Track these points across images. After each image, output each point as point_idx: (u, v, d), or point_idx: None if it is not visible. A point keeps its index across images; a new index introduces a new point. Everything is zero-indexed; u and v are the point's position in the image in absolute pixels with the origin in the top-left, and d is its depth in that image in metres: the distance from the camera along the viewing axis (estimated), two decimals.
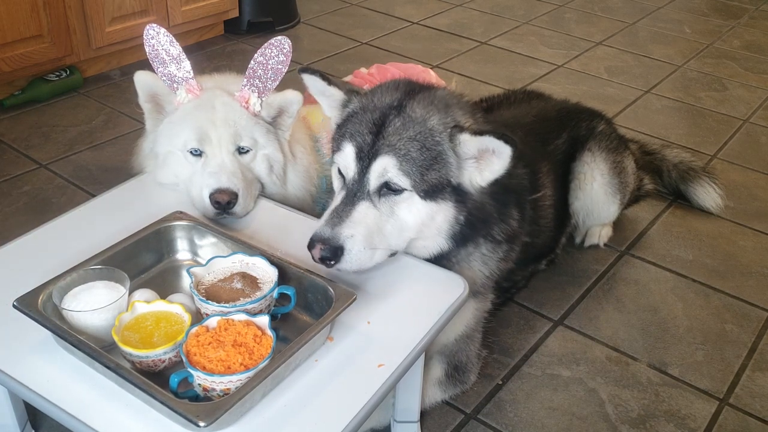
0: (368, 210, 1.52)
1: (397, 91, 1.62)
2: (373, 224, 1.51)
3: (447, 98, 1.62)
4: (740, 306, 2.28)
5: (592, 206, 2.32)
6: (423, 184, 1.51)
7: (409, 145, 1.51)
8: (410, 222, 1.55)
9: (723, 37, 4.37)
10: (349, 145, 1.54)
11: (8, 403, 1.53)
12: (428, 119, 1.54)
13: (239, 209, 1.71)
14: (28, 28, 3.03)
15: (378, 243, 1.52)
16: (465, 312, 1.74)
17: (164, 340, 1.27)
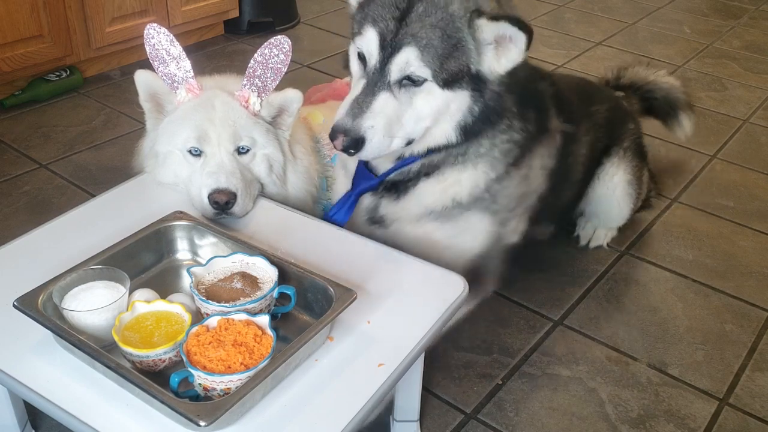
0: (388, 100, 1.53)
1: None
2: (393, 114, 1.53)
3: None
4: (740, 306, 2.28)
5: (608, 202, 2.32)
6: (443, 73, 1.52)
7: (431, 33, 1.50)
8: (428, 111, 1.56)
9: (723, 37, 4.37)
10: (372, 30, 1.53)
11: (8, 402, 1.53)
12: (450, 3, 1.51)
13: (238, 209, 1.71)
14: (28, 28, 3.03)
15: (396, 132, 1.55)
16: (475, 231, 1.76)
17: (164, 340, 1.27)
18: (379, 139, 1.53)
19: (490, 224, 1.77)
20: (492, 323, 2.14)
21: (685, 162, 3.05)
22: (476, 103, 1.59)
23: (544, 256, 2.44)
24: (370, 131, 1.52)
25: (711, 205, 2.77)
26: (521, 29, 1.49)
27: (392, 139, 1.56)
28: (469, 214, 1.73)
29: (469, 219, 1.74)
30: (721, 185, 2.90)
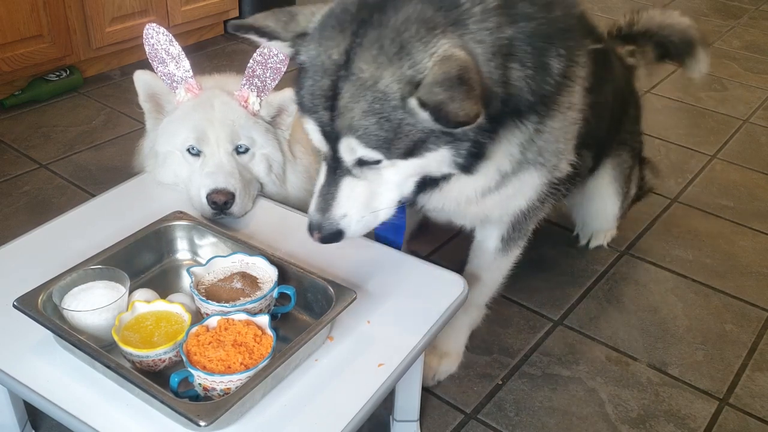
0: (353, 185, 1.39)
1: (346, 28, 1.32)
2: (364, 194, 1.40)
3: (408, 25, 1.28)
4: (740, 306, 2.28)
5: (595, 194, 2.29)
6: (396, 152, 1.33)
7: (366, 122, 1.29)
8: (402, 178, 1.41)
9: (723, 37, 4.37)
10: (310, 120, 1.38)
11: (8, 402, 1.53)
12: (379, 78, 1.27)
13: (236, 209, 1.71)
14: (28, 28, 3.03)
15: (379, 205, 1.42)
16: (525, 190, 1.64)
17: (164, 340, 1.27)
18: (358, 222, 1.40)
19: (539, 178, 1.62)
20: (492, 323, 2.14)
21: (685, 162, 3.05)
22: (458, 151, 1.37)
23: (544, 256, 2.44)
24: (345, 220, 1.40)
25: (711, 205, 2.77)
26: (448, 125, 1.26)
27: (376, 213, 1.43)
28: (516, 178, 1.57)
29: (517, 183, 1.59)
30: (721, 185, 2.90)
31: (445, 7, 1.31)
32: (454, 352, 1.94)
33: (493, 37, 1.32)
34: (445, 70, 1.23)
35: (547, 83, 1.43)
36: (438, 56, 1.25)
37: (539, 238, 2.52)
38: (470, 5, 1.32)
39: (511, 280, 2.31)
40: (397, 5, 1.31)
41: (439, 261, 2.09)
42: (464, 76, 1.23)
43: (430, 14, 1.29)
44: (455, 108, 1.21)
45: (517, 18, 1.36)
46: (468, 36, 1.30)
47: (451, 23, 1.29)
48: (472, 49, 1.30)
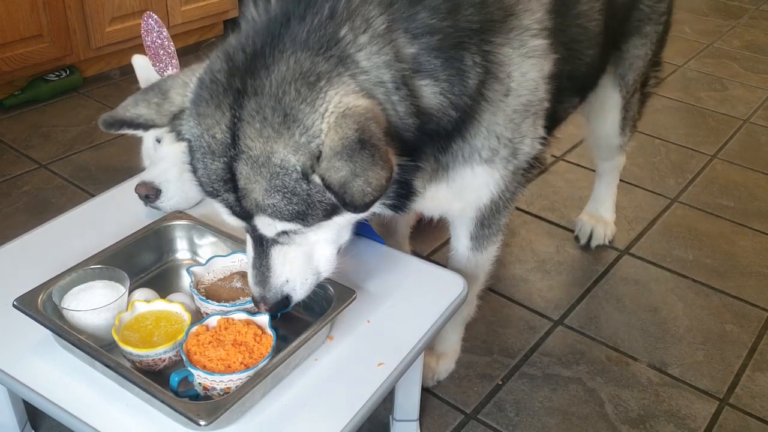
0: (284, 251, 1.28)
1: (222, 102, 1.18)
2: (299, 258, 1.29)
3: (285, 87, 1.14)
4: (740, 306, 2.28)
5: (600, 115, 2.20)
6: (315, 218, 1.20)
7: (272, 200, 1.16)
8: (332, 236, 1.30)
9: (723, 37, 4.37)
10: (216, 203, 1.26)
11: (8, 402, 1.53)
12: (271, 153, 1.14)
13: (165, 205, 1.70)
14: (27, 28, 3.03)
15: (317, 265, 1.32)
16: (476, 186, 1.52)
17: (164, 340, 1.27)
18: (303, 285, 1.31)
19: (488, 174, 1.51)
20: (492, 323, 2.14)
21: (686, 162, 3.05)
22: (386, 198, 1.28)
23: (544, 256, 2.44)
24: (288, 286, 1.30)
25: (711, 205, 2.77)
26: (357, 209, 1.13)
27: (318, 273, 1.33)
28: (456, 171, 1.46)
29: (458, 176, 1.47)
30: (721, 185, 2.90)
31: (324, 48, 1.17)
32: (451, 351, 1.94)
33: (393, 65, 1.20)
34: (342, 135, 1.10)
35: (465, 92, 1.32)
36: (331, 114, 1.12)
37: (539, 238, 2.53)
38: (353, 36, 1.18)
39: (511, 280, 2.31)
40: (269, 65, 1.15)
41: (439, 261, 2.09)
42: (365, 137, 1.09)
43: (308, 65, 1.15)
44: (360, 186, 1.08)
45: (417, 33, 1.24)
46: (361, 74, 1.17)
47: (335, 65, 1.16)
48: (371, 89, 1.17)
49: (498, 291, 2.27)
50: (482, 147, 1.43)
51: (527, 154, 1.52)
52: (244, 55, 1.18)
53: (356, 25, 1.19)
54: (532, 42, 1.41)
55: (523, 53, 1.40)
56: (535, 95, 1.45)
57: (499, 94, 1.39)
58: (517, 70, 1.40)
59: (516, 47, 1.39)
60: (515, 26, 1.38)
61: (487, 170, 1.48)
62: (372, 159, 1.08)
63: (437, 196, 1.51)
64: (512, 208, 1.69)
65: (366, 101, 1.15)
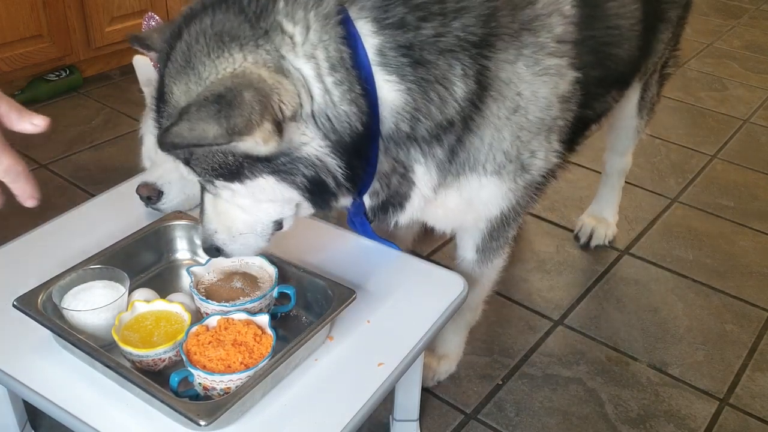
0: (213, 201, 1.32)
1: (168, 40, 1.25)
2: (227, 212, 1.31)
3: (199, 37, 1.18)
4: (740, 306, 2.28)
5: None
6: (207, 172, 1.22)
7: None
8: (249, 204, 1.29)
9: (723, 37, 4.37)
10: None
11: (8, 402, 1.53)
12: (171, 93, 1.21)
13: (165, 206, 1.69)
14: (27, 28, 3.03)
15: (244, 228, 1.32)
16: (483, 199, 1.50)
17: (164, 340, 1.27)
18: (234, 241, 1.32)
19: (496, 185, 1.48)
20: (492, 323, 2.14)
21: (686, 162, 3.05)
22: (290, 183, 1.24)
23: (545, 256, 2.44)
24: (215, 237, 1.33)
25: (711, 205, 2.77)
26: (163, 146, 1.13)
27: (246, 235, 1.33)
28: (466, 181, 1.46)
29: (468, 186, 1.47)
30: (721, 185, 2.90)
31: (257, 16, 1.18)
32: (453, 354, 1.94)
33: (331, 45, 1.19)
34: (212, 88, 1.12)
35: (447, 102, 1.29)
36: (226, 72, 1.15)
37: (539, 238, 2.53)
38: (291, 8, 1.19)
39: (511, 280, 2.31)
40: (203, 16, 1.20)
41: (439, 261, 2.10)
42: (227, 95, 1.10)
43: (230, 26, 1.18)
44: (181, 127, 1.08)
45: (387, 25, 1.22)
46: (285, 48, 1.17)
47: (258, 36, 1.17)
48: (291, 68, 1.17)
49: (498, 291, 2.26)
50: (486, 160, 1.42)
51: (540, 168, 1.51)
52: (200, 4, 1.24)
53: (299, 2, 1.20)
54: (547, 61, 1.39)
55: (536, 71, 1.38)
56: (548, 113, 1.43)
57: (504, 110, 1.38)
58: (528, 88, 1.38)
59: (530, 65, 1.37)
60: (530, 43, 1.36)
61: (495, 182, 1.47)
62: (215, 113, 1.08)
63: (447, 205, 1.50)
64: (521, 221, 1.68)
65: (270, 75, 1.15)
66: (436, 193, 1.44)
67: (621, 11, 1.63)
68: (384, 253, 1.64)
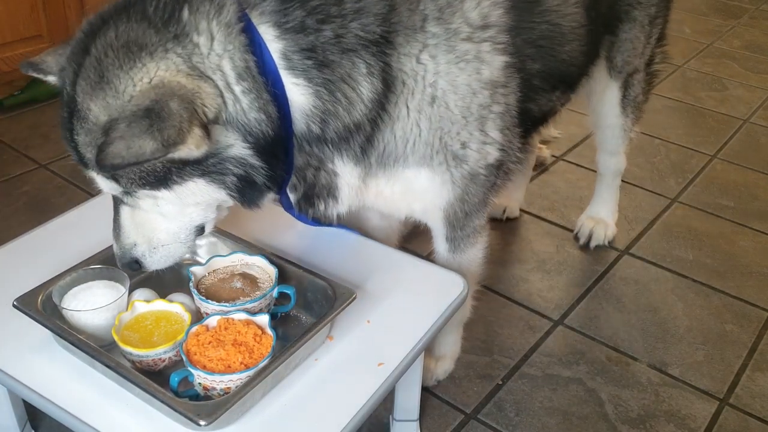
0: (131, 213, 1.31)
1: (74, 56, 1.25)
2: (147, 223, 1.31)
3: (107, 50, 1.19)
4: (740, 306, 2.28)
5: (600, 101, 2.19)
6: (133, 183, 1.22)
7: (90, 155, 1.21)
8: (173, 211, 1.30)
9: (723, 37, 4.37)
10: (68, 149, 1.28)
11: (8, 402, 1.53)
12: (89, 110, 1.19)
13: None
14: (27, 29, 3.03)
15: (161, 237, 1.32)
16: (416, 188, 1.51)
17: (164, 340, 1.27)
18: (154, 253, 1.32)
19: (428, 176, 1.48)
20: (492, 323, 2.14)
21: (686, 162, 3.05)
22: (222, 184, 1.26)
23: (544, 256, 2.44)
24: (137, 250, 1.32)
25: (711, 205, 2.77)
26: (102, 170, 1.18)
27: (178, 244, 1.34)
28: (398, 170, 1.46)
29: (401, 174, 1.47)
30: (721, 185, 2.90)
31: (163, 23, 1.19)
32: (450, 353, 1.94)
33: (236, 55, 1.21)
34: (136, 102, 1.14)
35: (355, 101, 1.31)
36: (143, 83, 1.16)
37: (539, 238, 2.53)
38: (194, 19, 1.20)
39: (511, 280, 2.31)
40: (106, 29, 1.21)
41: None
42: (155, 107, 1.11)
43: (136, 35, 1.19)
44: (117, 147, 1.09)
45: (288, 29, 1.25)
46: (197, 56, 1.19)
47: (166, 41, 1.18)
48: (207, 73, 1.19)
49: (498, 291, 2.27)
50: (407, 153, 1.43)
51: (478, 160, 1.50)
52: (99, 18, 1.25)
53: (203, 8, 1.21)
54: (461, 47, 1.38)
55: (451, 59, 1.38)
56: (474, 101, 1.42)
57: (416, 102, 1.38)
58: (443, 78, 1.38)
59: (440, 54, 1.37)
60: (437, 33, 1.36)
61: (426, 173, 1.48)
62: (147, 128, 1.10)
63: (385, 193, 1.51)
64: (485, 212, 1.66)
65: (188, 80, 1.17)
66: (364, 182, 1.45)
67: (560, 10, 1.64)
68: (384, 253, 1.64)
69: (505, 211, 2.59)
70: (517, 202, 2.61)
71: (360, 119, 1.34)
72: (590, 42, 1.78)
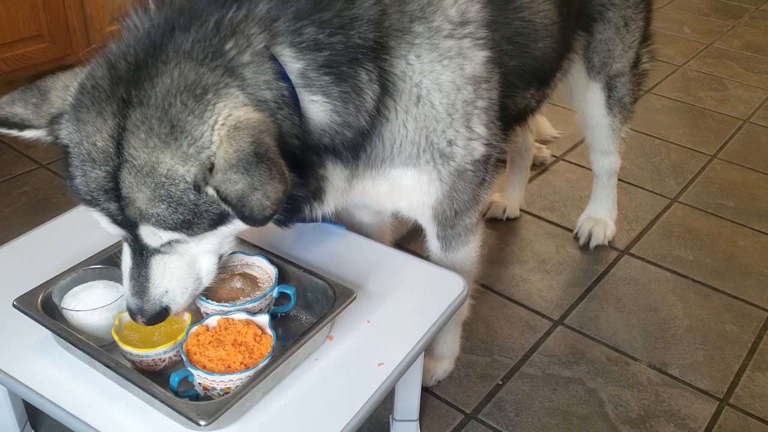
0: (165, 260, 1.25)
1: (105, 109, 1.16)
2: (180, 268, 1.26)
3: (171, 98, 1.13)
4: (740, 306, 2.28)
5: (587, 111, 2.20)
6: (200, 228, 1.18)
7: (157, 209, 1.14)
8: (214, 246, 1.28)
9: (723, 37, 4.37)
10: (96, 213, 1.22)
11: (8, 402, 1.53)
12: (157, 164, 1.12)
13: None
14: (27, 28, 3.03)
15: (198, 274, 1.30)
16: (403, 187, 1.51)
17: (164, 340, 1.28)
18: (183, 294, 1.27)
19: (414, 175, 1.49)
20: (492, 323, 2.14)
21: (685, 162, 3.05)
22: None
23: (544, 256, 2.44)
24: (167, 297, 1.26)
25: (711, 205, 2.77)
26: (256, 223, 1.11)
27: (199, 281, 1.30)
28: (384, 169, 1.47)
29: (387, 174, 1.48)
30: (721, 185, 2.90)
31: (209, 59, 1.16)
32: (449, 352, 1.94)
33: (272, 84, 1.20)
34: (236, 148, 1.10)
35: (363, 109, 1.31)
36: (222, 126, 1.12)
37: (539, 238, 2.53)
38: (236, 51, 1.18)
39: (511, 280, 2.31)
40: (153, 76, 1.14)
41: None
42: (261, 150, 1.09)
43: (192, 76, 1.14)
44: (259, 200, 1.07)
45: (304, 48, 1.24)
46: (248, 87, 1.18)
47: (221, 76, 1.16)
48: (259, 103, 1.18)
49: (498, 291, 2.27)
50: (396, 154, 1.44)
51: (465, 156, 1.50)
52: (126, 64, 1.18)
53: (239, 42, 1.19)
54: (444, 44, 1.39)
55: (434, 57, 1.39)
56: (458, 97, 1.43)
57: (403, 104, 1.39)
58: (427, 77, 1.39)
59: (425, 53, 1.38)
60: (421, 32, 1.37)
61: (412, 172, 1.48)
62: (269, 172, 1.08)
63: (370, 192, 1.51)
64: (476, 210, 1.66)
65: (258, 114, 1.15)
66: (350, 184, 1.45)
67: (533, 6, 1.65)
68: (384, 253, 1.64)
69: (505, 211, 2.59)
70: (517, 202, 2.61)
71: (363, 127, 1.34)
72: (562, 41, 1.80)
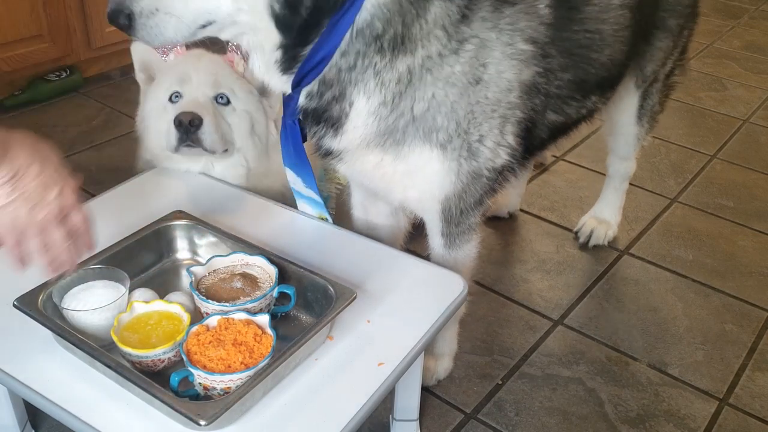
0: None
1: None
2: None
3: None
4: (740, 306, 2.28)
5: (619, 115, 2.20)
6: None
7: None
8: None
9: (723, 37, 4.37)
10: None
11: (8, 402, 1.53)
12: None
13: (206, 137, 1.72)
14: (27, 28, 3.03)
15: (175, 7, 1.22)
16: (426, 170, 1.50)
17: (164, 340, 1.27)
18: (152, 15, 1.21)
19: (439, 160, 1.48)
20: (492, 323, 2.14)
21: (685, 162, 3.05)
22: None
23: (544, 256, 2.44)
24: (136, 4, 1.21)
25: (711, 205, 2.77)
26: None
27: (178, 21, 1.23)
28: (408, 147, 1.46)
29: (410, 153, 1.47)
30: (721, 185, 2.90)
31: None
32: (448, 351, 1.94)
33: None
34: None
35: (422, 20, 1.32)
36: None
37: (539, 238, 2.53)
38: None
39: (511, 280, 2.31)
40: None
41: None
42: None
43: None
44: None
45: None
46: None
47: None
48: None
49: (498, 291, 2.27)
50: (440, 127, 1.44)
51: (488, 159, 1.51)
52: None
53: None
54: (520, 45, 1.42)
55: (507, 50, 1.41)
56: (507, 97, 1.45)
57: (465, 76, 1.39)
58: (495, 65, 1.41)
59: (504, 41, 1.40)
60: (509, 16, 1.40)
61: (439, 157, 1.48)
62: None
63: (387, 169, 1.51)
64: (480, 211, 1.67)
65: None
66: (368, 145, 1.45)
67: (602, 16, 1.64)
68: (384, 253, 1.64)
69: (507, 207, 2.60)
70: (518, 196, 2.61)
71: (414, 36, 1.33)
72: (630, 47, 1.79)
